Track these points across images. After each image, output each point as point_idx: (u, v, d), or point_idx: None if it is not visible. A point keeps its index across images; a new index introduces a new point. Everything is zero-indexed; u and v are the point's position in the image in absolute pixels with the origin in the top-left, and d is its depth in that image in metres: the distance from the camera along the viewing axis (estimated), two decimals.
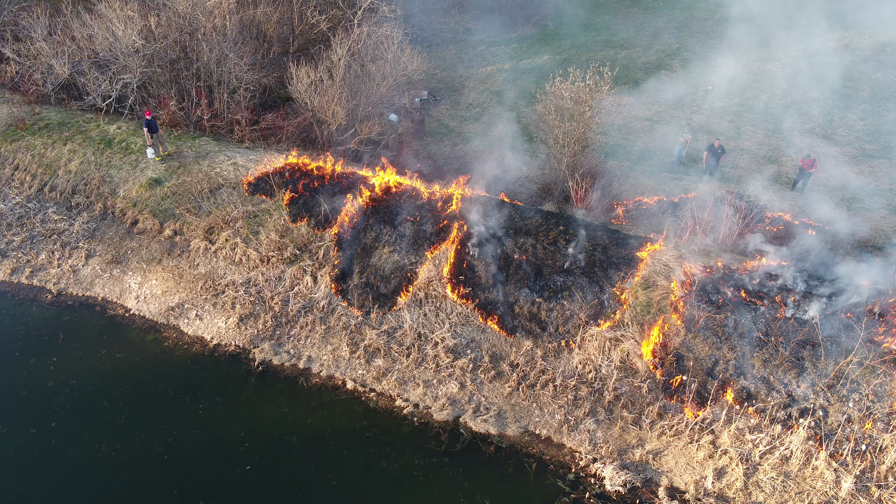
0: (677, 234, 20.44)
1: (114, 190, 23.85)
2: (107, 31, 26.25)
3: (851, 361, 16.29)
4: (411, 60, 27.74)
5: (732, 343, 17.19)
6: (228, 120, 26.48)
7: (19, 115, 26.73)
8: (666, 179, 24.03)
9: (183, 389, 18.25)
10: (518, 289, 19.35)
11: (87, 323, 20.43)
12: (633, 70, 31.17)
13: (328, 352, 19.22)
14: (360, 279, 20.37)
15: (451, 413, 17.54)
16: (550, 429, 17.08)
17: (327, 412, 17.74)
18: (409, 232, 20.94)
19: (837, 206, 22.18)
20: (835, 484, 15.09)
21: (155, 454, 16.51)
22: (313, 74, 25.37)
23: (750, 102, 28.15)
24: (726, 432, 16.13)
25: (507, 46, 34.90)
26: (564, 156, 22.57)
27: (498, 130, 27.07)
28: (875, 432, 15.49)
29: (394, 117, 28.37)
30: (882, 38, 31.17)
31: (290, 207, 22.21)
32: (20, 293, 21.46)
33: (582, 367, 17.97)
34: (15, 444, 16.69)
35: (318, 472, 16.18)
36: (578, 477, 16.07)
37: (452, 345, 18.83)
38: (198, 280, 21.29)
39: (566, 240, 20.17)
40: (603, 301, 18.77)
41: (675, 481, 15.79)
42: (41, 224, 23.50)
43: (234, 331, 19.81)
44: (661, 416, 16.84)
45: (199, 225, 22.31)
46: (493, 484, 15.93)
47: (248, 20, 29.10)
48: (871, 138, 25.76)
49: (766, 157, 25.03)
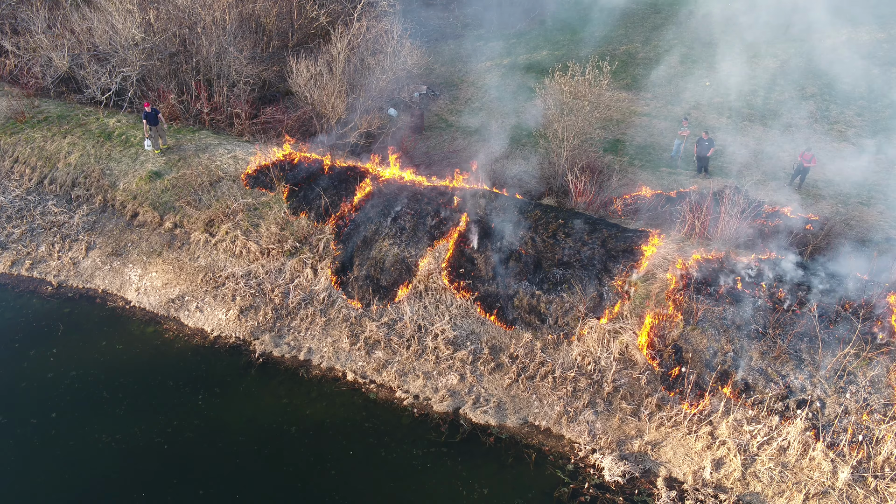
0: (676, 228, 20.54)
1: (114, 183, 23.86)
2: (106, 24, 26.24)
3: (849, 353, 16.40)
4: (410, 55, 27.79)
5: (730, 335, 17.29)
6: (228, 113, 26.49)
7: (19, 108, 26.72)
8: (664, 174, 24.15)
9: (183, 381, 18.30)
10: (517, 281, 19.42)
11: (88, 315, 20.46)
12: (631, 65, 31.25)
13: (328, 343, 19.28)
14: (361, 271, 20.42)
15: (451, 404, 17.62)
16: (550, 420, 17.17)
17: (327, 403, 17.81)
18: (408, 225, 20.99)
19: (835, 201, 22.31)
20: (832, 474, 15.20)
21: (155, 445, 16.55)
22: (313, 68, 25.41)
23: (748, 98, 28.24)
24: (724, 423, 16.23)
25: (506, 42, 34.94)
26: (563, 150, 22.64)
27: (497, 125, 27.14)
28: (872, 423, 15.61)
29: (393, 111, 28.42)
30: (880, 34, 31.29)
31: (290, 200, 22.24)
32: (20, 285, 21.47)
33: (581, 359, 18.05)
34: (15, 434, 16.73)
35: (317, 462, 16.25)
36: (577, 467, 16.16)
37: (452, 337, 18.89)
38: (198, 272, 21.32)
39: (565, 233, 20.24)
40: (602, 294, 18.85)
41: (674, 472, 15.89)
42: (41, 216, 23.50)
43: (235, 323, 19.86)
44: (659, 407, 16.94)
45: (199, 217, 22.33)
46: (493, 474, 16.01)
47: (248, 14, 29.12)
48: (870, 134, 25.88)
49: (764, 152, 25.13)
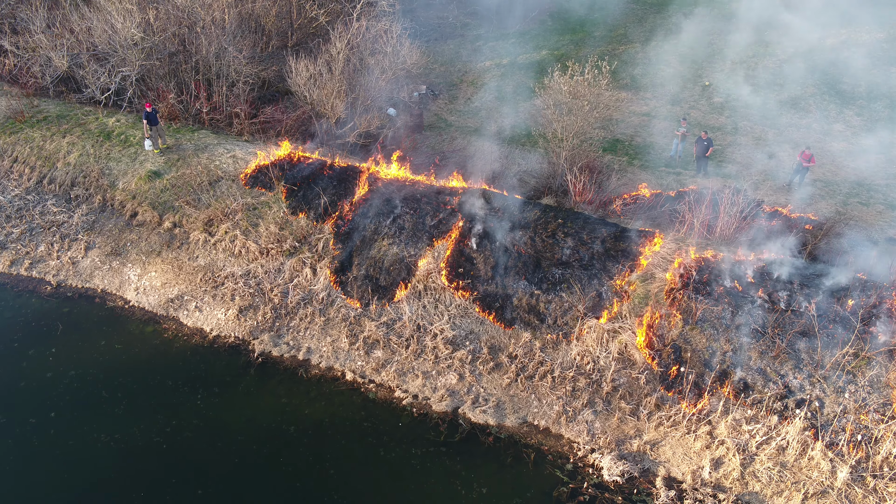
0: (675, 228, 20.54)
1: (113, 182, 23.85)
2: (105, 24, 26.24)
3: (847, 353, 16.41)
4: (410, 54, 27.79)
5: (730, 335, 17.30)
6: (227, 113, 26.49)
7: (18, 107, 26.70)
8: (663, 174, 24.14)
9: (182, 380, 18.30)
10: (517, 281, 19.43)
11: (87, 314, 20.46)
12: (631, 65, 31.23)
13: (327, 343, 19.28)
14: (360, 271, 20.42)
15: (450, 404, 17.62)
16: (549, 419, 17.17)
17: (326, 403, 17.82)
18: (408, 224, 20.99)
19: (834, 200, 22.31)
20: (830, 474, 15.21)
21: (154, 444, 16.56)
22: (312, 68, 25.39)
23: (747, 98, 28.23)
24: (723, 423, 16.24)
25: (506, 42, 34.92)
26: (563, 150, 22.64)
27: (496, 125, 27.13)
28: (871, 423, 15.62)
29: (392, 111, 28.41)
30: (879, 34, 31.28)
31: (290, 200, 22.24)
32: (19, 285, 21.47)
33: (580, 359, 18.05)
34: (15, 434, 16.74)
35: (316, 462, 16.25)
36: (577, 467, 16.17)
37: (451, 336, 18.90)
38: (197, 272, 21.32)
39: (564, 233, 20.24)
40: (601, 293, 18.86)
41: (673, 471, 15.90)
42: (40, 216, 23.49)
43: (234, 322, 19.86)
44: (658, 406, 16.94)
45: (198, 217, 22.33)
46: (492, 474, 16.02)
47: (247, 14, 29.12)
48: (868, 133, 25.89)
49: (763, 152, 25.12)
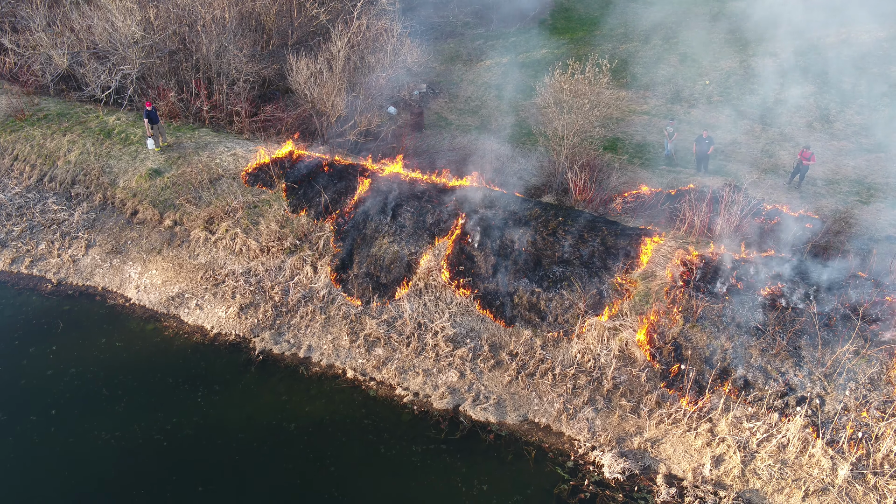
0: (675, 226, 20.55)
1: (113, 180, 23.85)
2: (106, 22, 26.22)
3: (848, 351, 16.43)
4: (410, 53, 27.79)
5: (730, 333, 17.31)
6: (228, 111, 26.47)
7: (18, 105, 26.68)
8: (664, 172, 24.15)
9: (183, 378, 18.31)
10: (517, 279, 19.44)
11: (87, 312, 20.47)
12: (631, 64, 31.23)
13: (328, 341, 19.28)
14: (360, 269, 20.43)
15: (451, 401, 17.63)
16: (549, 417, 17.19)
17: (327, 401, 17.83)
18: (408, 223, 21.00)
19: (835, 199, 22.32)
20: (831, 471, 15.23)
21: (154, 442, 16.57)
22: (313, 66, 25.40)
23: (747, 96, 28.25)
24: (724, 420, 16.26)
25: (506, 40, 34.92)
26: (563, 148, 22.65)
27: (496, 123, 27.13)
28: (871, 420, 15.63)
29: (392, 110, 28.42)
30: (880, 34, 31.29)
31: (290, 198, 22.25)
32: (20, 283, 21.47)
33: (581, 357, 18.06)
34: (15, 431, 16.75)
35: (317, 459, 16.26)
36: (577, 464, 16.18)
37: (452, 334, 18.90)
38: (198, 270, 21.32)
39: (565, 231, 20.25)
40: (602, 291, 18.86)
41: (674, 469, 15.91)
42: (41, 214, 23.49)
43: (235, 320, 19.86)
44: (659, 404, 16.96)
45: (199, 215, 22.33)
46: (493, 471, 16.04)
47: (248, 12, 29.08)
48: (868, 133, 25.90)
49: (763, 150, 25.14)
